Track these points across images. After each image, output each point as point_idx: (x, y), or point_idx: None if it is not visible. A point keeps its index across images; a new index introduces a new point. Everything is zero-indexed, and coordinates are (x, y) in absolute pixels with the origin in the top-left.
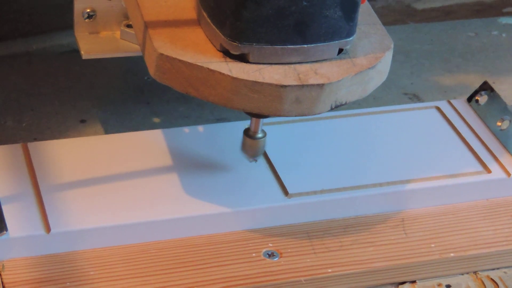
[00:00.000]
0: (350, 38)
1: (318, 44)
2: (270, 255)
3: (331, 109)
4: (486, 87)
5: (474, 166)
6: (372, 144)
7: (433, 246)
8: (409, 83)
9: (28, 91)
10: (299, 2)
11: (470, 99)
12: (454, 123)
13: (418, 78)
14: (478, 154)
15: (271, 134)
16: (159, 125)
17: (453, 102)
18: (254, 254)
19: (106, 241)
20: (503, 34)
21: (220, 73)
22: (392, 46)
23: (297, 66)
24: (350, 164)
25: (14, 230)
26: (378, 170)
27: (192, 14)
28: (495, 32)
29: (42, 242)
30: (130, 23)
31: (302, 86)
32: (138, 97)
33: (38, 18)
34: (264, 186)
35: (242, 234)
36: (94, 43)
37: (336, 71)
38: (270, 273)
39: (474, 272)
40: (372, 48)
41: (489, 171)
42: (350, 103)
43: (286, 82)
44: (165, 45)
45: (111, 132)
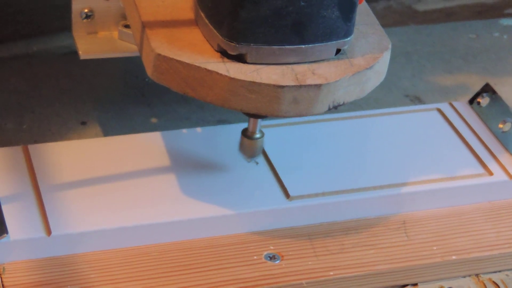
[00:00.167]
0: (348, 39)
1: (316, 44)
2: (271, 258)
3: (329, 109)
4: (487, 89)
5: (476, 168)
6: (373, 146)
7: (435, 248)
8: (410, 85)
9: (28, 93)
10: (297, 2)
11: (471, 101)
12: (455, 125)
13: (419, 80)
14: (480, 156)
15: (273, 136)
16: (158, 125)
17: (454, 104)
18: (255, 257)
19: (107, 243)
20: (505, 36)
21: (217, 73)
22: (390, 46)
23: (294, 66)
24: (351, 166)
25: (14, 233)
26: (379, 173)
27: (189, 14)
28: (497, 33)
29: (42, 245)
30: (128, 23)
31: (299, 87)
32: (139, 99)
33: (38, 20)
34: (265, 188)
35: (243, 236)
36: (92, 43)
37: (333, 72)
38: (271, 276)
39: (476, 274)
40: (370, 48)
41: (491, 174)
42: (351, 105)
43: (283, 83)
44: (162, 45)
45: (112, 134)
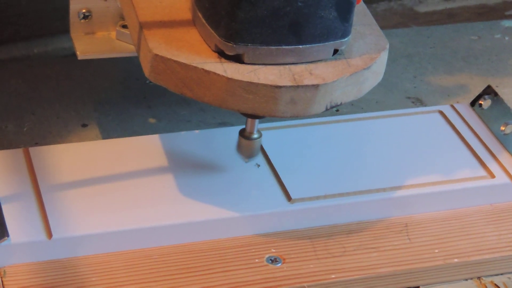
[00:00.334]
0: (345, 39)
1: (313, 44)
2: (273, 261)
3: (326, 109)
4: (489, 91)
5: (478, 171)
6: (375, 148)
7: (436, 251)
8: (412, 87)
9: (29, 95)
10: (294, 2)
11: (473, 103)
12: (457, 128)
13: (421, 82)
14: (482, 158)
15: (274, 138)
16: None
17: (456, 106)
18: (257, 260)
19: (108, 246)
20: (506, 37)
21: (215, 73)
22: (387, 46)
23: (292, 66)
24: (353, 168)
25: (15, 236)
26: (381, 175)
27: (187, 15)
28: (498, 35)
29: (43, 248)
30: (126, 24)
31: (297, 87)
32: (140, 101)
33: (39, 22)
34: (267, 191)
35: (245, 239)
36: (90, 44)
37: (331, 72)
38: (273, 279)
39: (478, 277)
40: (367, 48)
41: (492, 176)
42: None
43: (281, 83)
44: (160, 45)
45: (113, 136)
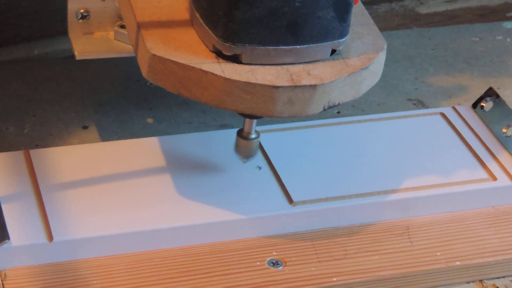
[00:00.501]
0: (343, 39)
1: (311, 45)
2: (275, 264)
3: (324, 110)
4: (491, 93)
5: (480, 173)
6: (376, 151)
7: (438, 254)
8: (413, 89)
9: (29, 97)
10: (292, 2)
11: (475, 105)
12: (459, 130)
13: (422, 84)
14: (484, 161)
15: (276, 141)
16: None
17: (458, 108)
18: (258, 263)
19: (109, 249)
20: (508, 39)
21: (212, 74)
22: (385, 47)
23: (290, 67)
24: (354, 171)
25: (16, 239)
26: (383, 178)
27: (185, 15)
28: (500, 36)
29: (44, 251)
30: (124, 24)
31: (294, 87)
32: (140, 103)
33: (39, 23)
34: (268, 194)
35: (246, 242)
36: (88, 44)
37: (329, 72)
38: (274, 282)
39: (480, 280)
40: (365, 48)
41: (494, 179)
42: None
43: (278, 83)
44: (157, 46)
45: (114, 138)
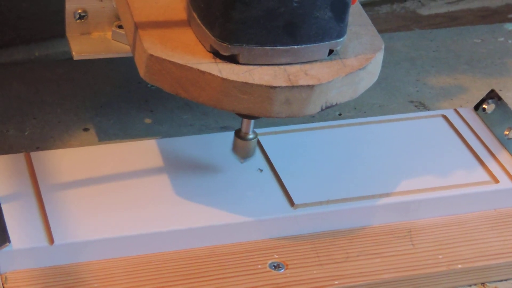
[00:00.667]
0: (341, 39)
1: (308, 45)
2: (276, 267)
3: (321, 110)
4: (493, 95)
5: (482, 175)
6: (378, 153)
7: (440, 257)
8: (414, 91)
9: (30, 99)
10: (289, 3)
11: (477, 108)
12: (461, 132)
13: (424, 86)
14: (486, 163)
15: (277, 143)
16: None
17: (460, 110)
18: (259, 266)
19: (110, 252)
20: (509, 41)
21: (210, 74)
22: (383, 47)
23: (287, 67)
24: (356, 173)
25: (16, 242)
26: (384, 180)
27: (182, 15)
28: (501, 38)
29: (45, 254)
30: (122, 24)
31: (292, 87)
32: (141, 105)
33: (40, 25)
34: (269, 196)
35: (247, 245)
36: (86, 44)
37: (326, 72)
38: (275, 285)
39: (482, 283)
40: (362, 49)
41: (496, 181)
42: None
43: (276, 83)
44: (155, 46)
45: (115, 140)
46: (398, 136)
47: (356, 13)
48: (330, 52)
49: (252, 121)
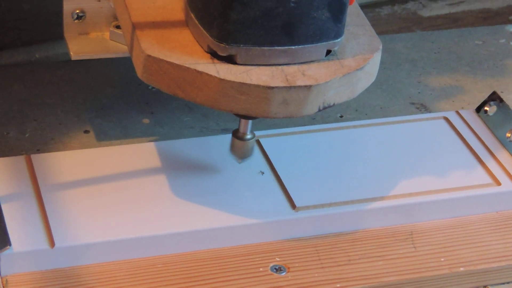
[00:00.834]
0: (338, 40)
1: (306, 45)
2: (278, 270)
3: (319, 110)
4: (495, 97)
5: (484, 178)
6: (379, 155)
7: (442, 260)
8: (416, 92)
9: (31, 101)
10: (287, 3)
11: (479, 110)
12: (462, 134)
13: (425, 87)
14: (488, 166)
15: (278, 146)
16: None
17: (461, 112)
18: (261, 269)
19: (111, 255)
20: (511, 42)
21: (207, 74)
22: (380, 47)
23: (284, 67)
24: (358, 176)
25: (17, 245)
26: (386, 183)
27: (180, 16)
28: (503, 40)
29: (46, 257)
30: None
31: (289, 88)
32: (142, 107)
33: (41, 27)
34: (271, 199)
35: (249, 248)
36: (83, 44)
37: (324, 73)
38: None
39: (484, 286)
40: (360, 49)
41: (498, 183)
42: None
43: (273, 84)
44: (152, 46)
45: (115, 143)
46: (399, 138)
47: (353, 13)
48: (328, 52)
49: (250, 121)
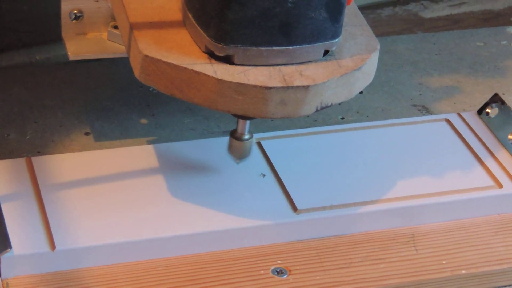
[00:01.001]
0: (336, 40)
1: (303, 45)
2: (279, 273)
3: (317, 110)
4: (496, 99)
5: (485, 180)
6: (381, 158)
7: (444, 262)
8: (417, 94)
9: (31, 103)
10: (284, 3)
11: (480, 112)
12: (464, 136)
13: (426, 89)
14: (489, 168)
15: (279, 148)
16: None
17: (463, 114)
18: (262, 272)
19: (112, 258)
20: None
21: (205, 74)
22: (378, 47)
23: (282, 67)
24: (359, 178)
25: (18, 248)
26: (387, 185)
27: (177, 16)
28: (504, 41)
29: (46, 260)
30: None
31: (287, 88)
32: (143, 109)
33: (41, 28)
34: (272, 201)
35: (250, 250)
36: (81, 44)
37: (321, 73)
38: None
39: None
40: (358, 49)
41: (500, 186)
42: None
43: (271, 84)
44: (150, 46)
45: (116, 145)
46: (401, 140)
47: (351, 13)
48: (326, 52)
49: (247, 121)
